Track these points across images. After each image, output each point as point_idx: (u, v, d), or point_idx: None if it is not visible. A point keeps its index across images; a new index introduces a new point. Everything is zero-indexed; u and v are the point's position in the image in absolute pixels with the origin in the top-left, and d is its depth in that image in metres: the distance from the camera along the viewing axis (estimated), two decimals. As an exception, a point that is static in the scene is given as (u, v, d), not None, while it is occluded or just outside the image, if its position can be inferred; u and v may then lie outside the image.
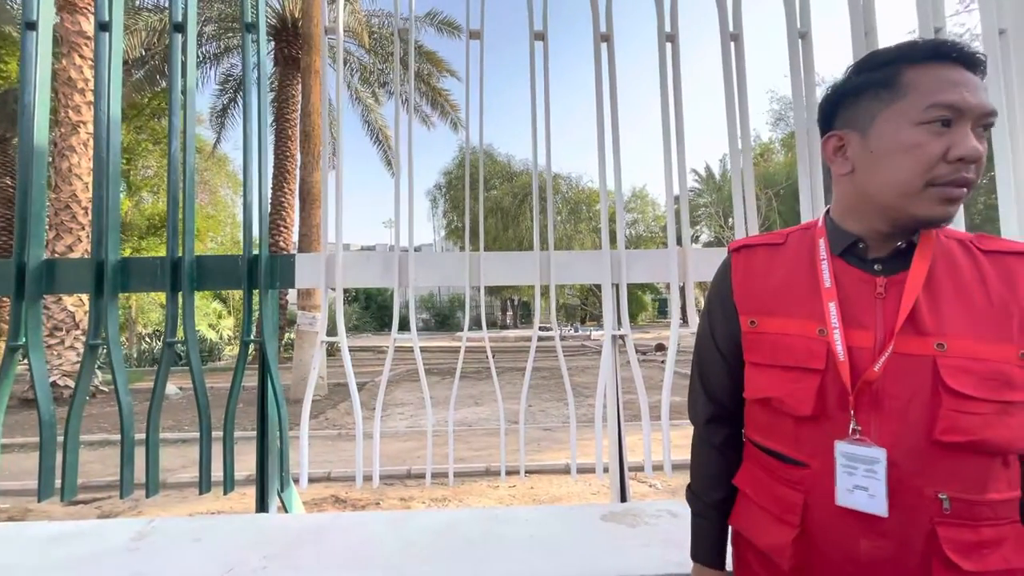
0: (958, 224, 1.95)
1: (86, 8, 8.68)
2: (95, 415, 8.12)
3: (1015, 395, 0.64)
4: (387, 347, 2.18)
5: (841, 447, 0.69)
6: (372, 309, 31.42)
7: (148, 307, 19.47)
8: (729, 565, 0.91)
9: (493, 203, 21.57)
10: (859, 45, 2.11)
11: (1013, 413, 0.64)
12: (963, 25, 10.90)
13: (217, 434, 1.89)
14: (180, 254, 1.93)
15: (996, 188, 2.05)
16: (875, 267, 0.73)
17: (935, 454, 0.65)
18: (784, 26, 2.18)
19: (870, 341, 0.69)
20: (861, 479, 0.67)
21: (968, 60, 0.67)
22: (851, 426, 0.68)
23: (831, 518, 0.70)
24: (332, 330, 2.10)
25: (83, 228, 8.92)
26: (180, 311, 1.93)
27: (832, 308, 0.72)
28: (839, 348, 0.70)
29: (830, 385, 0.71)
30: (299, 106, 12.29)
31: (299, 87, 12.56)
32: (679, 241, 2.18)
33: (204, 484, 1.90)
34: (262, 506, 2.00)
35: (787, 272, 0.80)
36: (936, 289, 0.69)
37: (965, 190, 0.66)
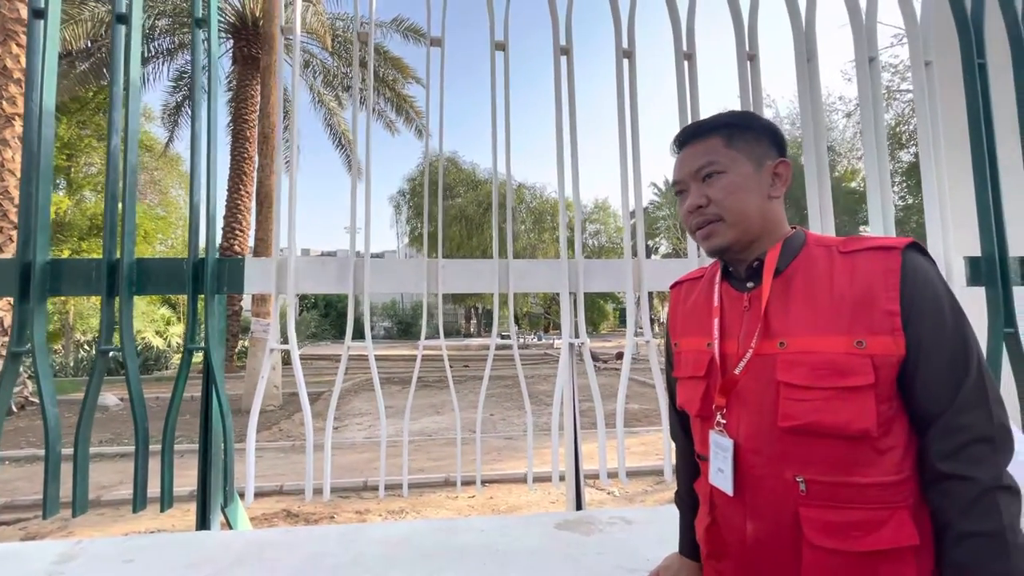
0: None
1: (25, -6, 8.18)
2: (22, 428, 7.54)
3: (848, 381, 0.70)
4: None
5: (711, 436, 0.83)
6: (331, 316, 30.56)
7: (88, 312, 18.28)
8: None
9: (457, 211, 21.42)
10: (802, 68, 2.23)
11: (848, 398, 0.70)
12: (897, 56, 11.71)
13: (156, 448, 1.79)
14: (118, 256, 1.82)
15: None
16: (747, 285, 0.84)
17: (784, 440, 0.74)
18: (734, 48, 2.29)
19: (735, 348, 0.81)
20: (721, 462, 0.80)
21: (684, 141, 0.87)
22: (716, 419, 0.82)
23: (726, 505, 0.81)
24: (286, 338, 2.03)
25: (15, 227, 8.32)
26: (118, 316, 1.82)
27: (716, 323, 0.85)
28: (716, 357, 0.83)
29: (711, 388, 0.84)
30: (258, 107, 11.93)
31: (258, 88, 12.19)
32: (635, 252, 2.23)
33: (139, 501, 1.78)
34: (204, 523, 1.90)
35: (697, 299, 0.94)
36: (791, 295, 0.78)
37: (708, 226, 0.83)
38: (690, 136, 0.86)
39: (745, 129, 0.84)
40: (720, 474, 0.80)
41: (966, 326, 0.72)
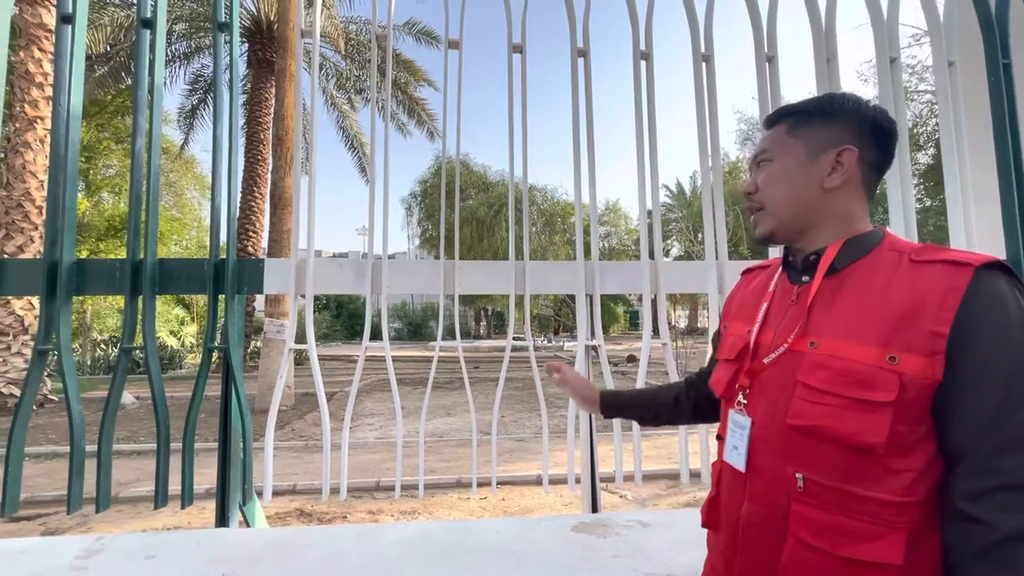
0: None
1: (47, 0, 8.36)
2: (42, 425, 7.68)
3: (868, 394, 0.67)
4: (357, 356, 2.14)
5: (730, 414, 0.86)
6: (343, 317, 30.75)
7: (105, 312, 18.60)
8: None
9: (469, 213, 21.45)
10: (822, 70, 2.21)
11: (863, 410, 0.67)
12: (915, 57, 11.53)
13: (176, 446, 1.81)
14: (141, 256, 1.85)
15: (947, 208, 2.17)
16: (802, 279, 0.83)
17: (791, 436, 0.74)
18: (753, 50, 2.27)
19: (770, 339, 0.82)
20: (736, 440, 0.82)
21: (766, 125, 0.89)
22: (738, 399, 0.84)
23: (730, 482, 0.83)
24: (301, 338, 2.05)
25: (36, 228, 8.50)
26: (140, 316, 1.85)
27: (763, 310, 0.86)
28: (751, 344, 0.84)
29: (740, 372, 0.86)
30: (272, 110, 12.07)
31: (272, 91, 12.33)
32: (652, 255, 2.22)
33: (160, 498, 1.81)
34: (222, 520, 1.92)
35: (756, 286, 0.94)
36: (840, 295, 0.76)
37: (756, 213, 0.86)
38: (769, 121, 0.89)
39: (816, 115, 0.81)
40: (735, 451, 0.82)
41: None
